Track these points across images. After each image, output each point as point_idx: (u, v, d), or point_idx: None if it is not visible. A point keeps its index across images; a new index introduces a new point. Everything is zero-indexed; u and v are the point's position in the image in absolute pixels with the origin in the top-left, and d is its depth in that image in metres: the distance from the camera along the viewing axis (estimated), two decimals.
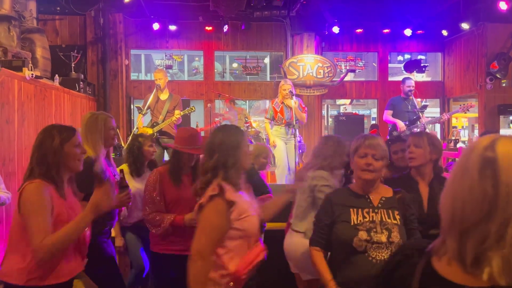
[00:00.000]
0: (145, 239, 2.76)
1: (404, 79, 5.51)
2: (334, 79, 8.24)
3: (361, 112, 23.60)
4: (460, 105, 5.76)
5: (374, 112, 12.98)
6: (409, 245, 0.86)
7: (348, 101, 21.01)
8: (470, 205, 0.75)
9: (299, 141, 5.51)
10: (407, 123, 5.21)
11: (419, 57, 10.58)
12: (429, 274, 0.75)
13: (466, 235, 0.73)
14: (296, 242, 2.34)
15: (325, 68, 8.07)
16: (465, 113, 6.05)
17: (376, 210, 1.80)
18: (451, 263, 0.74)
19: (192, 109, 4.98)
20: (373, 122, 15.60)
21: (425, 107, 5.51)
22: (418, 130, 5.11)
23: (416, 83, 9.22)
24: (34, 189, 1.56)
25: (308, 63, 7.99)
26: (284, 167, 4.90)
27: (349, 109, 21.59)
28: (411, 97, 5.37)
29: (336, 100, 23.04)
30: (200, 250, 1.53)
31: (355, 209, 1.80)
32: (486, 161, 0.79)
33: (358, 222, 1.76)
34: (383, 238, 1.70)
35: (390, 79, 10.50)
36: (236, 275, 1.57)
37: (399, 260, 0.84)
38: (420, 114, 5.20)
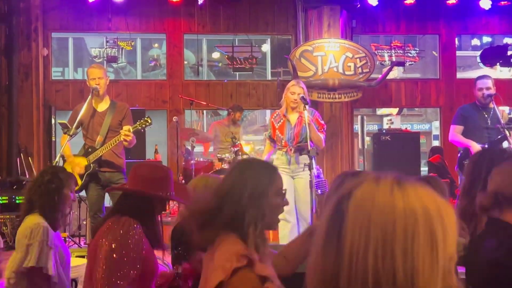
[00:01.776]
0: None
1: (478, 78, 5.79)
2: (372, 77, 8.16)
3: (415, 128, 24.45)
4: None
5: (436, 128, 12.84)
6: None
7: (395, 110, 22.03)
8: (317, 277, 0.96)
9: (317, 176, 5.34)
10: (486, 146, 5.45)
11: (505, 41, 10.45)
12: None
13: None
14: None
15: (358, 60, 8.02)
16: None
17: None
18: None
19: (147, 122, 4.90)
20: (435, 143, 15.41)
21: None
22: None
23: (500, 82, 8.88)
24: None
25: (330, 52, 7.96)
26: (291, 216, 5.01)
27: (397, 123, 22.40)
28: (491, 106, 5.62)
29: (377, 109, 23.89)
30: None
31: None
32: (336, 216, 0.95)
33: None
34: None
35: (460, 76, 10.30)
36: None
37: None
38: (507, 132, 5.40)
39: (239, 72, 9.62)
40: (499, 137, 5.43)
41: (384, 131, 8.50)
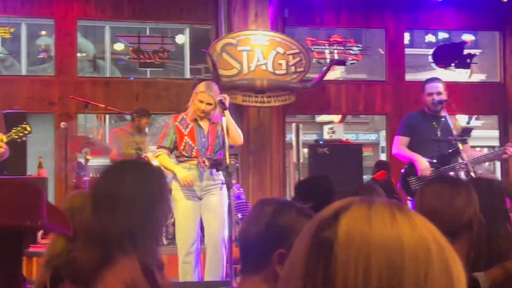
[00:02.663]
0: None
1: (427, 81, 5.94)
2: (307, 77, 8.32)
3: (361, 138, 25.09)
4: None
5: (384, 138, 13.21)
6: None
7: (337, 117, 22.54)
8: None
9: (237, 197, 5.32)
10: (435, 160, 5.57)
11: (465, 38, 10.90)
12: None
13: None
14: None
15: (291, 57, 8.13)
16: None
17: None
18: None
19: (25, 130, 4.87)
20: (384, 156, 15.76)
21: (468, 131, 5.79)
22: (458, 174, 5.48)
23: (455, 86, 9.23)
24: None
25: (258, 46, 8.04)
26: (190, 245, 5.01)
27: (340, 132, 22.88)
28: (442, 114, 5.77)
29: (316, 116, 24.34)
30: None
31: None
32: (320, 245, 0.94)
33: None
34: None
35: (410, 77, 10.64)
36: None
37: None
38: (460, 145, 5.47)
39: (149, 68, 9.51)
40: (450, 151, 5.58)
41: (321, 142, 8.64)
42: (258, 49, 8.05)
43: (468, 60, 9.34)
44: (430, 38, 21.96)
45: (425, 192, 2.47)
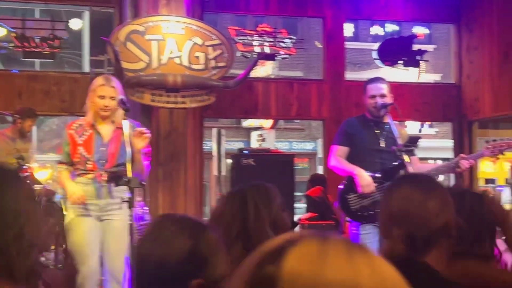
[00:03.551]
0: None
1: (370, 81, 6.03)
2: (230, 74, 8.41)
3: (295, 147, 25.42)
4: (489, 142, 6.19)
5: (322, 147, 13.37)
6: None
7: (268, 122, 22.71)
8: None
9: (140, 218, 5.27)
10: (377, 174, 5.71)
11: (416, 31, 11.17)
12: None
13: None
14: None
15: (210, 48, 8.20)
16: (497, 157, 6.51)
17: None
18: None
19: None
20: (320, 169, 15.93)
21: (415, 140, 5.86)
22: None
23: (401, 88, 9.44)
24: None
25: (171, 36, 8.10)
26: (93, 273, 5.09)
27: (270, 140, 23.08)
28: (386, 120, 5.86)
29: (242, 120, 24.40)
30: None
31: None
32: (260, 281, 0.98)
33: None
34: None
35: (352, 76, 10.80)
36: None
37: None
38: (406, 157, 5.55)
39: (36, 59, 9.32)
40: (394, 164, 5.68)
41: (246, 151, 8.68)
42: (171, 38, 8.04)
43: (418, 57, 9.57)
44: (376, 30, 22.54)
45: (392, 194, 2.56)
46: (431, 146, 21.76)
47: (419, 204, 2.46)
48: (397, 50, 9.65)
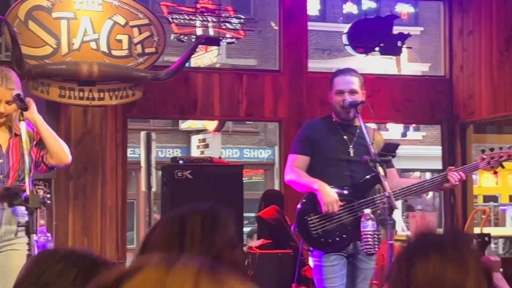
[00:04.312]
0: None
1: (337, 73, 6.13)
2: (161, 63, 8.43)
3: (246, 156, 25.28)
4: (485, 152, 6.28)
5: (278, 156, 13.51)
6: None
7: (212, 124, 22.46)
8: None
9: (42, 245, 5.27)
10: (345, 191, 5.82)
11: (398, 9, 11.23)
12: None
13: None
14: None
15: (136, 30, 8.25)
16: (495, 171, 6.59)
17: None
18: None
19: None
20: (277, 184, 15.98)
21: (393, 148, 5.93)
22: (373, 216, 5.55)
23: (378, 82, 9.52)
24: None
25: (85, 13, 8.10)
26: None
27: (216, 146, 22.86)
28: (357, 123, 5.96)
29: (179, 122, 24.22)
30: None
31: None
32: None
33: None
34: None
35: (316, 66, 10.86)
36: None
37: None
38: (380, 169, 5.61)
39: None
40: (367, 177, 5.73)
41: (181, 161, 8.66)
42: (85, 17, 8.03)
43: (400, 43, 9.61)
44: (349, 8, 22.60)
45: (415, 266, 2.49)
46: (416, 154, 22.00)
47: (455, 283, 2.43)
48: (373, 34, 9.66)
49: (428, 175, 24.03)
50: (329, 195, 5.60)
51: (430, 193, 24.76)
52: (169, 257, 1.06)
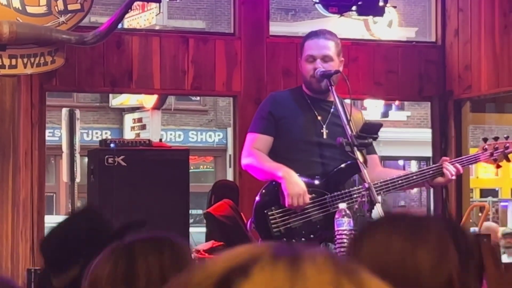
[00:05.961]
0: None
1: (309, 36, 6.20)
2: (87, 23, 8.25)
3: (192, 140, 25.41)
4: (488, 141, 6.33)
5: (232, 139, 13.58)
6: None
7: (149, 100, 22.41)
8: None
9: None
10: (316, 181, 5.88)
11: None
12: None
13: None
14: None
15: None
16: (499, 165, 6.62)
17: None
18: None
19: None
20: (230, 173, 16.14)
21: (373, 129, 6.00)
22: (350, 212, 5.60)
23: (356, 49, 9.58)
24: None
25: None
26: None
27: (155, 127, 22.83)
28: (330, 98, 6.02)
29: (110, 97, 24.34)
30: None
31: None
32: None
33: None
34: None
35: (278, 30, 10.89)
36: None
37: None
38: (359, 155, 5.67)
39: None
40: (342, 165, 5.79)
41: (112, 144, 8.63)
42: None
43: (381, 3, 9.63)
44: None
45: (363, 241, 2.55)
46: (399, 138, 22.12)
47: (404, 255, 2.51)
48: None
49: (413, 164, 24.24)
50: (296, 184, 5.60)
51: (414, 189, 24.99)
52: (278, 248, 1.04)
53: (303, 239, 5.57)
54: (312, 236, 5.61)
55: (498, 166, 6.45)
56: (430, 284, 2.47)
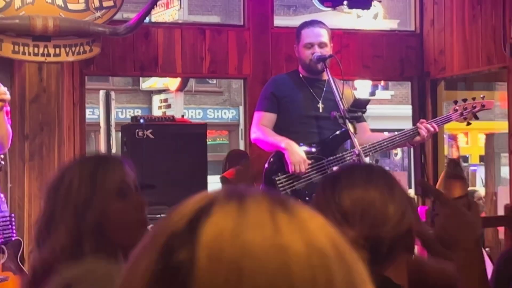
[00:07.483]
0: None
1: (304, 25, 6.19)
2: (120, 18, 8.21)
3: (210, 117, 25.40)
4: (457, 102, 6.41)
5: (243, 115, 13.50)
6: None
7: (174, 83, 22.41)
8: None
9: None
10: (313, 148, 5.88)
11: None
12: None
13: None
14: None
15: None
16: (469, 122, 6.62)
17: None
18: None
19: None
20: (242, 145, 16.03)
21: (362, 104, 6.03)
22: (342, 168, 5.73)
23: (347, 37, 9.49)
24: None
25: None
26: None
27: (178, 107, 22.84)
28: (325, 78, 6.03)
29: (140, 81, 24.24)
30: None
31: None
32: (170, 273, 1.01)
33: None
34: None
35: (281, 23, 10.80)
36: None
37: None
38: (351, 126, 5.67)
39: None
40: (336, 133, 5.78)
41: (142, 120, 8.62)
42: None
43: None
44: None
45: (342, 189, 2.62)
46: (385, 114, 22.08)
47: (379, 206, 2.54)
48: None
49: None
50: (297, 153, 5.60)
51: (399, 154, 25.01)
52: (229, 191, 1.10)
53: (307, 198, 5.57)
54: (314, 194, 5.62)
55: (468, 124, 6.48)
56: (394, 231, 2.50)
